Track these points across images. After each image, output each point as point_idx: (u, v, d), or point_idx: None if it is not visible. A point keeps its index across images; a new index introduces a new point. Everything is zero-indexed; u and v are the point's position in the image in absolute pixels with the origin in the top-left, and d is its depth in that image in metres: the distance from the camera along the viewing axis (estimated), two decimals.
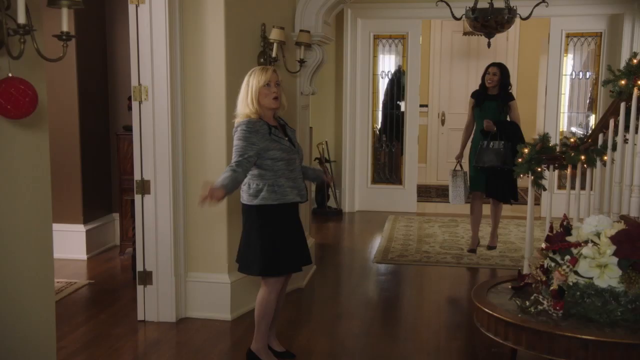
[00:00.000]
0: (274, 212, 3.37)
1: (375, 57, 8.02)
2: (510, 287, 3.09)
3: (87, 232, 5.74)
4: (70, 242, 5.62)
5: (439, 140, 10.21)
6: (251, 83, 3.35)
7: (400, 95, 8.07)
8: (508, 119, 5.72)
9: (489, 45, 5.73)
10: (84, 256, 5.70)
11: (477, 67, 9.97)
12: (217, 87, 4.14)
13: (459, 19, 5.43)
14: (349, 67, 7.86)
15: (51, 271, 2.87)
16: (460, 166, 5.94)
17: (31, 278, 2.70)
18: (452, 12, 5.39)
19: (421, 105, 8.88)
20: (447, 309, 4.61)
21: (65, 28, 2.29)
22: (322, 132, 7.94)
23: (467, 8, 5.22)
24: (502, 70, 5.73)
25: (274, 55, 4.36)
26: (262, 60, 4.39)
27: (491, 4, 5.09)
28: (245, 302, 4.33)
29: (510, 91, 5.76)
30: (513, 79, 10.15)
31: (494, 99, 5.67)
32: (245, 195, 3.41)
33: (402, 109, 8.07)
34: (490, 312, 2.74)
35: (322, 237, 6.79)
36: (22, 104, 2.21)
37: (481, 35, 5.65)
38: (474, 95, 5.89)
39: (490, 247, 6.06)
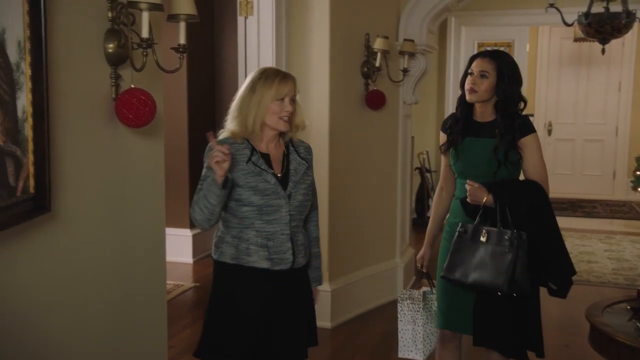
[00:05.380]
0: (233, 276, 2.35)
1: None
2: (628, 307, 2.91)
3: (194, 236, 5.96)
4: (177, 245, 5.83)
5: (546, 151, 9.73)
6: (259, 92, 2.32)
7: None
8: (521, 176, 2.73)
9: (603, 51, 5.46)
10: (190, 259, 5.91)
11: (588, 74, 9.52)
12: (322, 97, 4.18)
13: (571, 25, 5.21)
14: (451, 76, 7.71)
15: (164, 272, 3.00)
16: (428, 277, 3.06)
17: (146, 278, 2.84)
18: (563, 18, 5.19)
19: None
20: (555, 327, 4.39)
21: (182, 41, 2.40)
22: (423, 142, 7.85)
23: (580, 13, 5.00)
24: (500, 64, 2.62)
25: (377, 64, 4.36)
26: (365, 69, 4.39)
27: (607, 8, 4.84)
28: (347, 310, 4.36)
29: (520, 112, 2.68)
30: (628, 88, 9.69)
31: (486, 133, 2.66)
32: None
33: None
34: (610, 334, 2.58)
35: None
36: (142, 114, 2.32)
37: (594, 41, 5.38)
38: (447, 125, 2.82)
39: None
